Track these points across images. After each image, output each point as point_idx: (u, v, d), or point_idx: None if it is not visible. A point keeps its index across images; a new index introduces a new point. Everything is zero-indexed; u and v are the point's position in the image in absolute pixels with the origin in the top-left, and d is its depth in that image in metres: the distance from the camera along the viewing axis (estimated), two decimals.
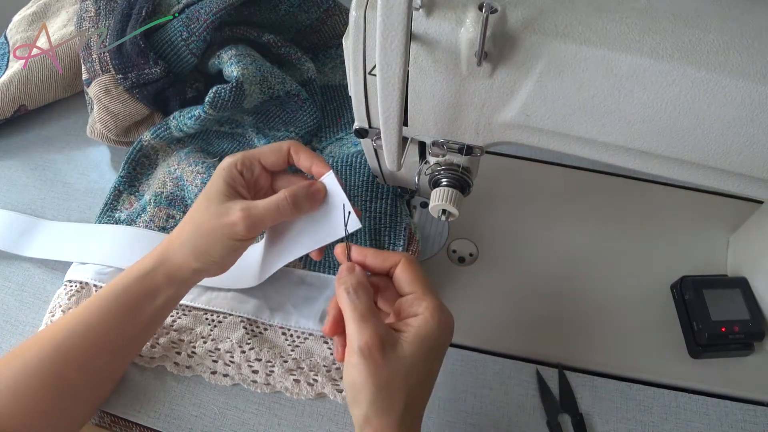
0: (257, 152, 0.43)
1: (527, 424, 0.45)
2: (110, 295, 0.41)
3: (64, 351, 0.40)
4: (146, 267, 0.41)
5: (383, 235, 0.50)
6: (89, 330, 0.41)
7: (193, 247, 0.41)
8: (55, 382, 0.40)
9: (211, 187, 0.41)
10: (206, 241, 0.40)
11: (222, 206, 0.40)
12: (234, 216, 0.39)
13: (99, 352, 0.41)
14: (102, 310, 0.41)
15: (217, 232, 0.40)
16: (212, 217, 0.40)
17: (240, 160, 0.42)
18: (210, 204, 0.40)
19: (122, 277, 0.42)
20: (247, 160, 0.42)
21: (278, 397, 0.47)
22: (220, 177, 0.41)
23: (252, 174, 0.43)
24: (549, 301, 0.52)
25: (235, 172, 0.42)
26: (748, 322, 0.47)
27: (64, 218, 0.59)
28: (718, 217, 0.58)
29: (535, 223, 0.57)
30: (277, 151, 0.43)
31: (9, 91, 0.64)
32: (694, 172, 0.35)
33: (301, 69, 0.64)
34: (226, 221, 0.39)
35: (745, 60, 0.29)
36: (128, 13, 0.57)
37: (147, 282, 0.41)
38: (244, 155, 0.42)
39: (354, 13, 0.32)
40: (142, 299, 0.41)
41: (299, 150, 0.43)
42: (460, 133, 0.37)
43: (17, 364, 0.39)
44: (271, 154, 0.43)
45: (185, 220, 0.42)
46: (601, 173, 0.62)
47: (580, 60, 0.30)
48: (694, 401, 0.47)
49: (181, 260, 0.41)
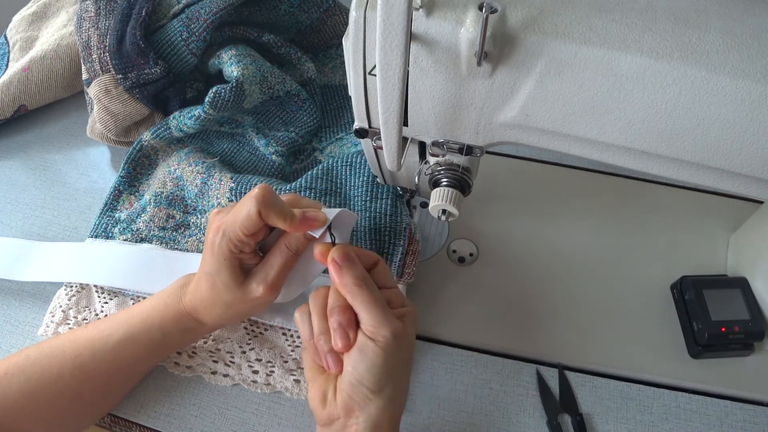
0: (237, 228, 0.38)
1: (527, 424, 0.45)
2: (148, 335, 0.43)
3: (86, 371, 0.41)
4: (188, 324, 0.43)
5: (383, 235, 0.50)
6: (119, 359, 0.42)
7: (230, 317, 0.43)
8: (71, 397, 0.41)
9: (222, 276, 0.40)
10: (242, 312, 0.43)
11: (243, 288, 0.41)
12: (259, 292, 0.41)
13: (120, 377, 0.44)
14: (137, 345, 0.42)
15: (247, 307, 0.42)
16: (239, 297, 0.41)
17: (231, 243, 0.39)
18: (229, 288, 0.41)
19: (161, 322, 0.43)
20: (236, 241, 0.39)
21: (278, 397, 0.47)
22: (225, 267, 0.40)
23: (249, 247, 0.40)
24: (549, 301, 0.52)
25: (236, 256, 0.40)
26: (748, 322, 0.47)
27: (64, 218, 0.59)
28: (718, 217, 0.58)
29: (535, 223, 0.57)
30: (249, 220, 0.38)
31: (9, 91, 0.64)
32: (694, 172, 0.35)
33: (301, 69, 0.64)
34: (254, 297, 0.41)
35: (745, 60, 0.29)
36: (128, 13, 0.57)
37: (190, 335, 0.45)
38: (231, 237, 0.38)
39: (354, 13, 0.32)
40: (179, 343, 0.46)
41: (269, 213, 0.38)
42: (460, 133, 0.37)
43: (34, 371, 0.40)
44: (248, 224, 0.38)
45: (213, 297, 0.41)
46: (601, 173, 0.62)
47: (580, 60, 0.30)
48: (694, 401, 0.47)
49: (219, 323, 0.44)
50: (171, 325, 0.43)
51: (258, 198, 0.37)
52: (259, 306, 0.42)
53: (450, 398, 0.47)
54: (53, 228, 0.58)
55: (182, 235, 0.54)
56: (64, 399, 0.41)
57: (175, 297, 0.43)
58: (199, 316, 0.43)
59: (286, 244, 0.41)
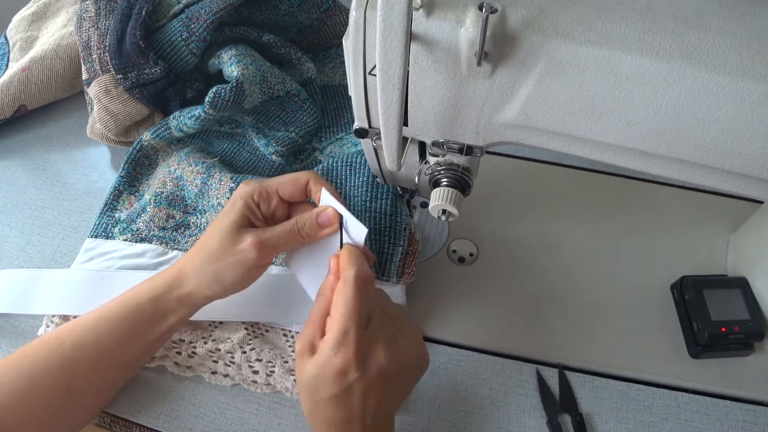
0: (275, 183, 0.42)
1: (527, 424, 0.45)
2: (122, 312, 0.42)
3: (71, 361, 0.40)
4: (159, 289, 0.42)
5: (383, 235, 0.50)
6: (99, 344, 0.41)
7: (206, 275, 0.41)
8: (60, 390, 0.40)
9: (226, 216, 0.41)
10: (218, 270, 0.41)
11: (234, 235, 0.40)
12: (245, 243, 0.40)
13: (106, 365, 0.42)
14: (113, 326, 0.42)
15: (229, 260, 0.40)
16: (224, 245, 0.40)
17: (257, 191, 0.41)
18: (222, 233, 0.40)
19: (134, 297, 0.42)
20: (264, 192, 0.42)
21: (278, 397, 0.47)
22: (237, 208, 0.41)
23: (269, 206, 0.42)
24: (549, 301, 0.52)
25: (252, 204, 0.41)
26: (748, 322, 0.47)
27: (64, 218, 0.59)
28: (718, 217, 0.58)
29: (535, 223, 0.57)
30: (295, 183, 0.42)
31: (9, 91, 0.64)
32: (694, 172, 0.35)
33: (301, 69, 0.64)
34: (238, 249, 0.40)
35: (745, 60, 0.29)
36: (128, 13, 0.57)
37: (159, 303, 0.42)
38: (262, 186, 0.42)
39: (354, 13, 0.32)
40: (153, 319, 0.42)
41: (317, 183, 0.42)
42: (460, 133, 0.37)
43: (22, 368, 0.40)
44: (290, 185, 0.42)
45: (197, 247, 0.42)
46: (601, 173, 0.62)
47: (580, 60, 0.30)
48: (694, 401, 0.47)
49: (194, 287, 0.42)
50: (142, 295, 0.42)
51: (311, 171, 0.43)
52: (239, 265, 0.40)
53: (450, 398, 0.47)
54: (53, 228, 0.58)
55: (182, 235, 0.54)
56: (54, 393, 0.40)
57: (153, 275, 0.43)
58: (173, 278, 0.42)
59: (296, 220, 0.41)
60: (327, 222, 0.41)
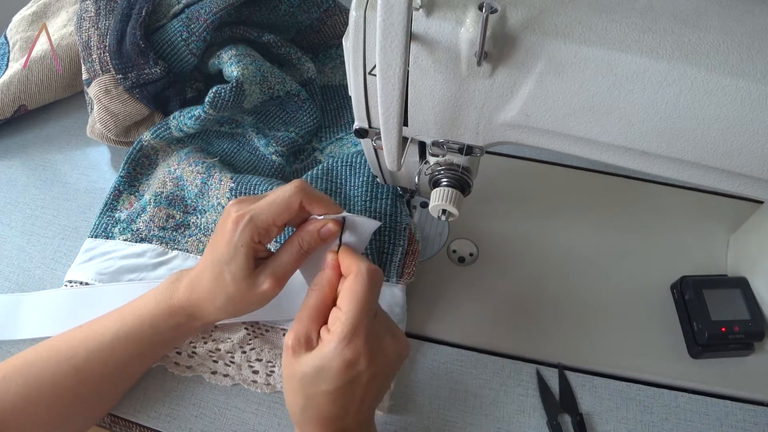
0: (269, 215, 0.39)
1: (527, 424, 0.45)
2: (139, 335, 0.42)
3: (81, 371, 0.41)
4: (180, 319, 0.42)
5: (383, 235, 0.50)
6: (112, 358, 0.42)
7: (226, 312, 0.42)
8: (68, 396, 0.41)
9: (233, 264, 0.40)
10: (239, 308, 0.42)
11: (250, 280, 0.40)
12: (265, 286, 0.40)
13: (116, 377, 0.43)
14: (131, 347, 0.42)
15: (250, 300, 0.41)
16: (242, 291, 0.40)
17: (256, 232, 0.39)
18: (237, 280, 0.40)
19: (152, 321, 0.42)
20: (262, 230, 0.39)
21: (278, 397, 0.47)
22: (241, 256, 0.39)
23: (270, 238, 0.41)
24: (549, 301, 0.52)
25: (254, 246, 0.40)
26: (748, 322, 0.47)
27: (64, 218, 0.59)
28: (718, 217, 0.58)
29: (535, 223, 0.57)
30: (289, 209, 0.39)
31: (9, 91, 0.64)
32: (694, 172, 0.35)
33: (301, 69, 0.64)
34: (258, 291, 0.40)
35: (745, 60, 0.29)
36: (128, 13, 0.57)
37: (181, 329, 0.43)
38: (258, 223, 0.39)
39: (354, 13, 0.32)
40: (170, 343, 0.45)
41: (311, 202, 0.40)
42: (460, 133, 0.37)
43: (31, 374, 0.40)
44: (285, 213, 0.39)
45: (215, 288, 0.41)
46: (601, 173, 0.62)
47: (580, 60, 0.30)
48: (694, 401, 0.47)
49: (214, 318, 0.43)
50: (161, 321, 0.42)
51: (300, 187, 0.39)
52: (260, 302, 0.41)
53: (450, 398, 0.47)
54: (53, 228, 0.58)
55: (182, 235, 0.54)
56: (62, 400, 0.40)
57: (166, 293, 0.42)
58: (194, 310, 0.42)
59: (299, 241, 0.41)
60: (329, 235, 0.41)
